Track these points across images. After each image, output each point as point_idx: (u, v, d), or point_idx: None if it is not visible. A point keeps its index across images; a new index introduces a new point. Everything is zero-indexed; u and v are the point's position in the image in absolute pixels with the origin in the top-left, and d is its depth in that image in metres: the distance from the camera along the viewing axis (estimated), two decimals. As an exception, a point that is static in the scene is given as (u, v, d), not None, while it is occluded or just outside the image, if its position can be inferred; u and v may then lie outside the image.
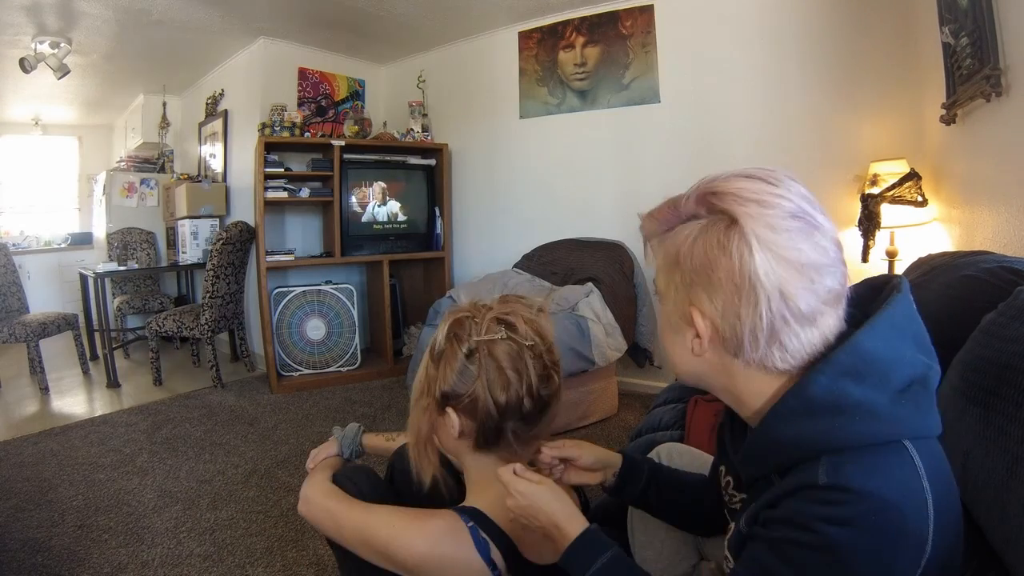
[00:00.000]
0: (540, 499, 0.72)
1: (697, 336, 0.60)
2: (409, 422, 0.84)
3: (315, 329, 3.49)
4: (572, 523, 0.71)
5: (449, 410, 0.78)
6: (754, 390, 0.61)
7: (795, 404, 0.56)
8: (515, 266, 3.20)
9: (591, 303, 2.51)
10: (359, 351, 3.48)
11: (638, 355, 2.90)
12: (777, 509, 0.56)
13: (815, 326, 0.56)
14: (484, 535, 0.75)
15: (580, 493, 0.92)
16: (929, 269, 1.32)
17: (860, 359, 0.54)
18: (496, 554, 0.75)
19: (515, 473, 0.75)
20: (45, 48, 3.41)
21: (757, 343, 0.57)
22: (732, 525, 0.68)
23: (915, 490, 0.52)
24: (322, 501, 0.90)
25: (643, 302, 2.80)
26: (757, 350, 0.57)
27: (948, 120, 1.85)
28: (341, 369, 3.50)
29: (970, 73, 1.59)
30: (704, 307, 0.58)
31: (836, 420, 0.53)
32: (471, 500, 0.81)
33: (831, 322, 0.57)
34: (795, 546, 0.52)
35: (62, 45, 3.43)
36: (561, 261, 2.97)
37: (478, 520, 0.76)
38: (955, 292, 1.11)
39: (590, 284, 2.62)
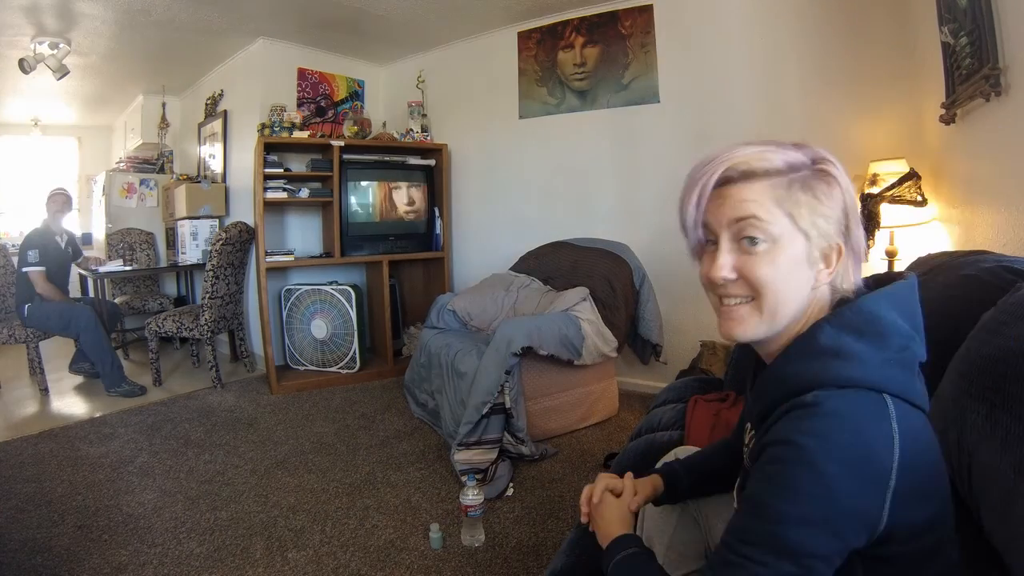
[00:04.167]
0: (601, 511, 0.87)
1: (826, 266, 0.67)
2: None
3: (319, 328, 3.50)
4: (619, 529, 0.83)
5: None
6: (813, 313, 0.68)
7: (803, 347, 0.65)
8: (512, 267, 3.20)
9: (585, 307, 2.55)
10: (358, 352, 3.48)
11: (644, 352, 2.91)
12: (767, 434, 0.62)
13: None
14: None
15: None
16: (929, 269, 1.32)
17: (862, 318, 0.63)
18: None
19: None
20: (44, 49, 3.42)
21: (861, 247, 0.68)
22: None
23: (883, 427, 0.58)
24: None
25: (647, 298, 2.80)
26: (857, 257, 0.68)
27: (947, 120, 1.85)
28: (341, 371, 3.50)
29: (969, 73, 1.59)
30: (840, 237, 0.66)
31: (832, 362, 0.61)
32: None
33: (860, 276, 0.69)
34: (778, 463, 0.58)
35: (61, 46, 3.43)
36: (558, 266, 2.95)
37: None
38: (955, 292, 1.11)
39: (585, 289, 2.64)
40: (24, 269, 3.22)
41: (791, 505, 0.56)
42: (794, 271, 0.65)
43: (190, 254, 3.85)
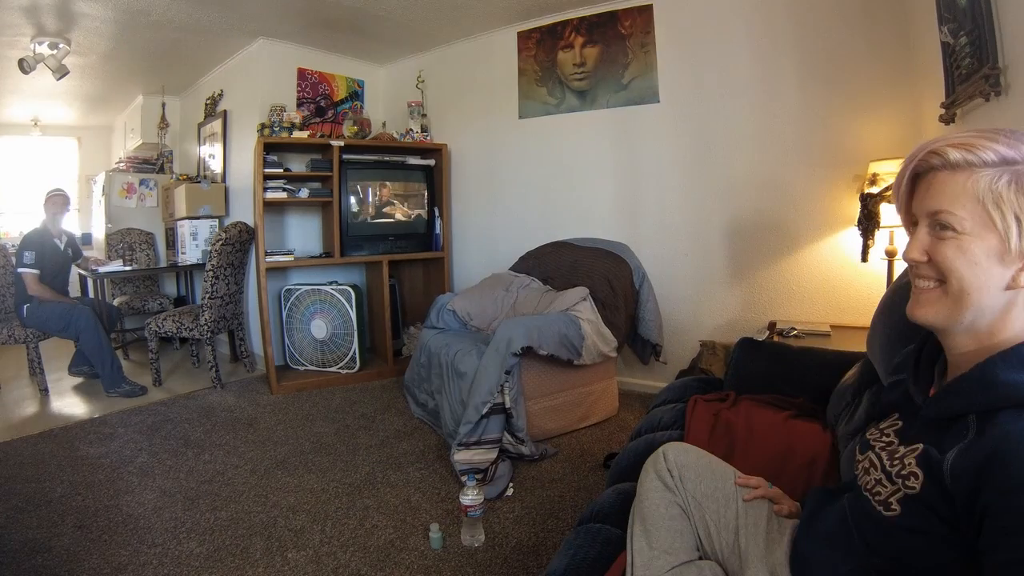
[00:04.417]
0: None
1: None
2: None
3: (318, 328, 3.50)
4: None
5: None
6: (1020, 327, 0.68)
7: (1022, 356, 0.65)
8: (512, 267, 3.20)
9: (585, 307, 2.56)
10: (358, 352, 3.48)
11: (643, 352, 2.91)
12: (969, 454, 0.62)
13: None
14: None
15: None
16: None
17: None
18: None
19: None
20: (44, 49, 3.42)
21: None
22: (919, 446, 0.71)
23: None
24: None
25: (647, 298, 2.80)
26: None
27: (947, 120, 1.85)
28: (341, 371, 3.50)
29: (969, 72, 1.59)
30: None
31: None
32: None
33: None
34: None
35: (61, 46, 3.43)
36: (558, 266, 2.95)
37: None
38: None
39: (585, 289, 2.64)
40: (19, 270, 3.22)
41: None
42: (984, 263, 0.66)
43: (190, 254, 3.85)
